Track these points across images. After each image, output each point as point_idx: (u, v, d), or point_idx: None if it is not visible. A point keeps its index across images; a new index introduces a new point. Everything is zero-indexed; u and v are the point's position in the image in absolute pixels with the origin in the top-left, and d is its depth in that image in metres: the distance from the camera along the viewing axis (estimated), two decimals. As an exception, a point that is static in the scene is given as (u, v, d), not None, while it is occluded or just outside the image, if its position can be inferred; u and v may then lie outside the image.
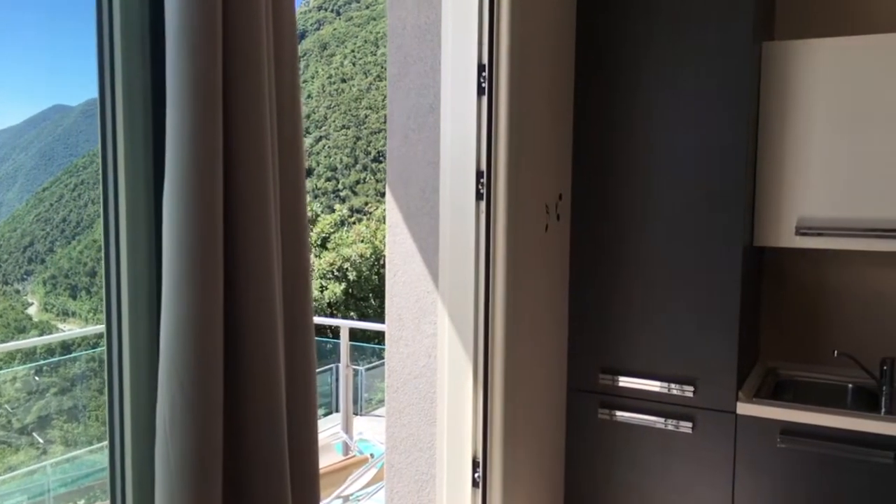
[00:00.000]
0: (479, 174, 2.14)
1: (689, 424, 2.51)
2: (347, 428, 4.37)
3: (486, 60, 2.10)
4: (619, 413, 2.63)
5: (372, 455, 3.73)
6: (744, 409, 2.42)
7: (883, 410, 2.45)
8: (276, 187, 1.15)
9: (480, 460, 2.18)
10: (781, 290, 2.88)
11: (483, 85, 2.11)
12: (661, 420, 2.55)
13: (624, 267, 2.60)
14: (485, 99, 2.11)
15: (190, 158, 1.02)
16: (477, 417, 2.17)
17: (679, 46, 2.46)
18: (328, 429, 4.83)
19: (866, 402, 2.58)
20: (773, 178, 2.55)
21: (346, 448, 4.28)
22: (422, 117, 2.23)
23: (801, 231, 2.52)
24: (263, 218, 1.07)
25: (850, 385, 2.67)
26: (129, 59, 1.20)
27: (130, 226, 1.17)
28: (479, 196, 2.14)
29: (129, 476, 1.21)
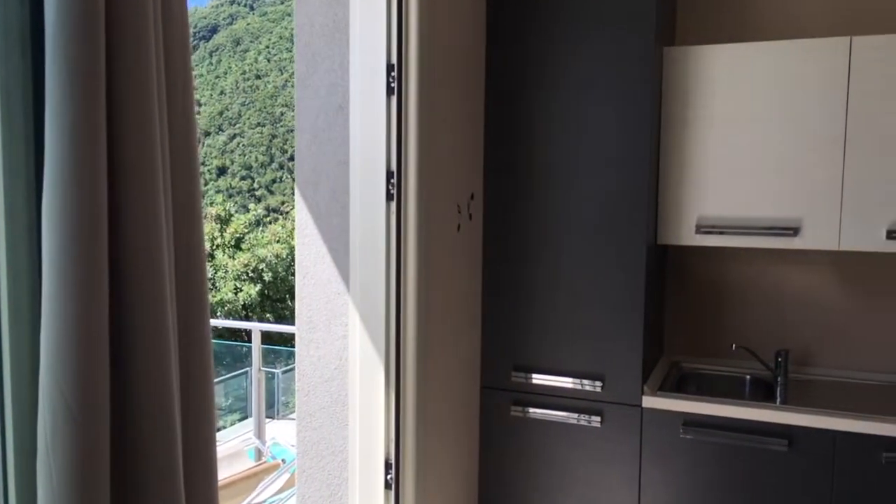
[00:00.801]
0: (389, 174, 2.12)
1: (598, 419, 2.57)
2: (260, 433, 4.28)
3: (395, 60, 2.09)
4: (532, 410, 2.67)
5: (284, 460, 3.66)
6: (649, 402, 2.50)
7: (778, 400, 2.58)
8: (168, 185, 1.10)
9: (393, 461, 2.16)
10: (684, 287, 2.99)
11: (392, 85, 2.10)
12: (572, 415, 2.60)
13: (535, 266, 2.64)
14: (394, 99, 2.10)
15: (70, 156, 0.96)
16: (389, 419, 2.16)
17: (585, 49, 2.52)
18: (241, 434, 4.71)
19: (763, 393, 2.71)
20: (674, 179, 2.65)
21: (259, 454, 4.18)
22: (331, 117, 2.20)
23: (701, 230, 2.62)
24: (153, 218, 1.02)
25: (748, 376, 2.81)
26: (7, 52, 1.13)
27: (9, 226, 1.10)
28: (389, 196, 2.13)
29: (12, 496, 1.14)
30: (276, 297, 16.76)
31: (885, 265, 2.71)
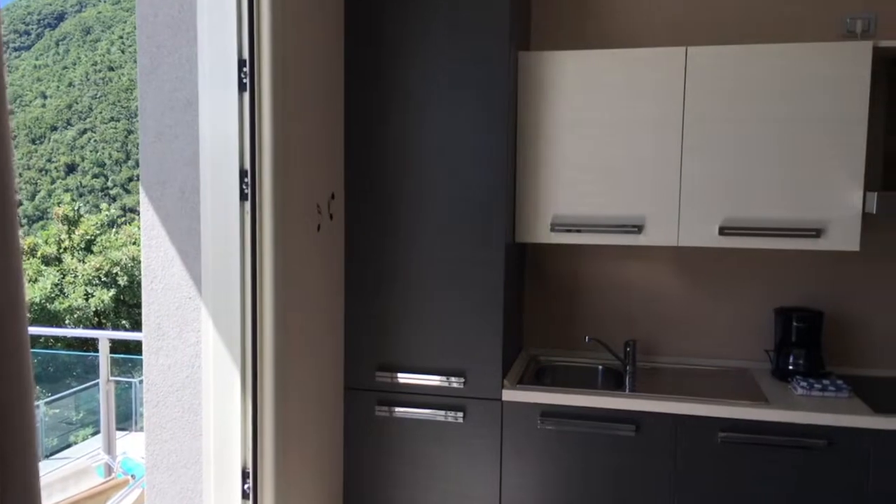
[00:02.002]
0: (242, 173, 2.05)
1: (461, 414, 2.61)
2: (110, 448, 4.02)
3: (246, 55, 2.02)
4: (397, 409, 2.68)
5: (134, 476, 3.46)
6: (509, 395, 2.58)
7: (627, 388, 2.73)
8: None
9: (251, 470, 2.10)
10: (542, 284, 3.10)
11: (244, 80, 2.03)
12: (435, 412, 2.63)
13: (397, 265, 2.65)
14: (246, 95, 2.03)
15: None
16: (246, 426, 2.09)
17: (446, 51, 2.55)
18: (92, 451, 4.40)
19: (614, 382, 2.86)
20: (531, 180, 2.74)
21: (109, 470, 3.93)
22: (178, 113, 2.09)
23: (556, 228, 2.72)
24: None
25: (601, 367, 2.95)
26: None
27: None
28: (243, 196, 2.06)
29: None
30: (133, 303, 15.80)
31: (718, 259, 2.94)
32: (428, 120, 2.59)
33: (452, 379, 2.62)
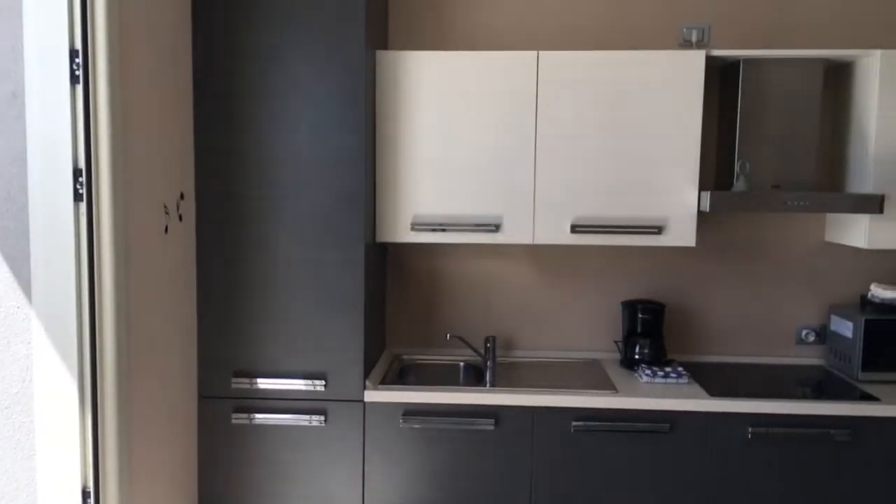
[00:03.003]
0: (77, 172, 1.91)
1: (322, 418, 2.57)
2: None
3: (79, 45, 1.88)
4: (257, 416, 2.60)
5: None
6: (370, 396, 2.56)
7: (487, 383, 2.78)
8: None
9: (92, 489, 1.96)
10: (404, 283, 3.11)
11: (77, 73, 1.89)
12: (296, 417, 2.57)
13: (254, 267, 2.56)
14: (80, 88, 1.89)
15: None
16: (85, 443, 1.95)
17: (301, 50, 2.50)
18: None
19: (475, 378, 2.92)
20: (390, 179, 2.74)
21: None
22: (2, 107, 1.92)
23: (416, 227, 2.74)
24: None
25: (462, 363, 3.00)
26: None
27: None
28: (77, 197, 1.92)
29: None
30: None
31: (571, 255, 3.06)
32: (284, 119, 2.52)
33: (309, 382, 2.57)
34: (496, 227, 2.72)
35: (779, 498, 2.51)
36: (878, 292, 2.82)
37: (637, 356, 2.88)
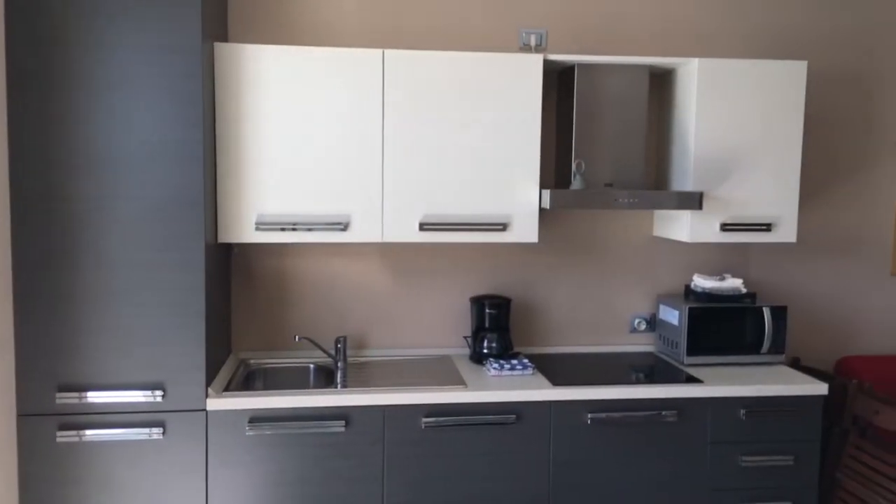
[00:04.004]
0: None
1: (160, 430, 2.42)
2: None
3: None
4: (87, 432, 2.40)
5: None
6: (213, 404, 2.45)
7: (339, 385, 2.74)
8: None
9: None
10: (251, 284, 3.00)
11: None
12: (132, 431, 2.41)
13: (80, 272, 2.37)
14: None
15: None
16: None
17: (133, 41, 2.33)
18: None
19: (325, 379, 2.87)
20: (233, 177, 2.63)
21: None
22: None
23: (261, 227, 2.65)
24: None
25: (312, 365, 2.94)
26: None
27: None
28: None
29: None
30: None
31: (420, 253, 3.09)
32: (115, 114, 2.35)
33: (146, 393, 2.42)
34: (344, 226, 2.69)
35: (617, 477, 2.67)
36: (700, 282, 3.06)
37: (485, 350, 2.96)
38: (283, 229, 2.66)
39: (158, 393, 2.42)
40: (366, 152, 2.68)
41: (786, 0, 3.17)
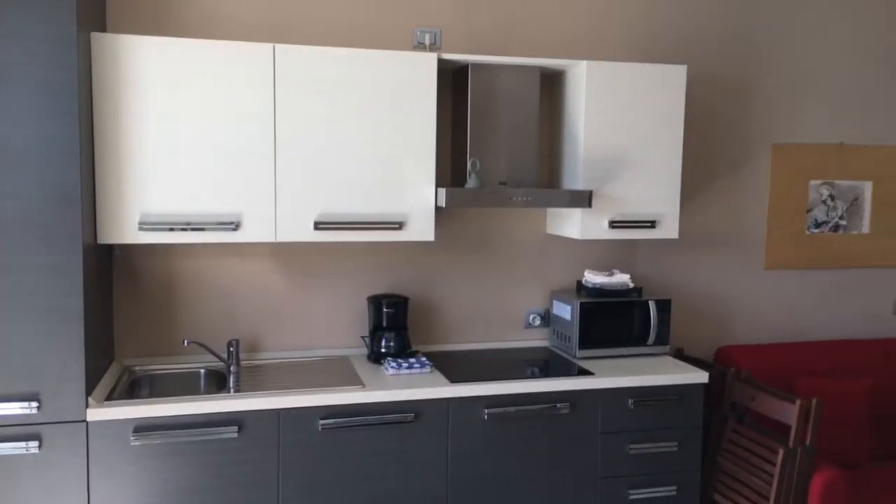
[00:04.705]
0: None
1: (36, 444, 2.27)
2: None
3: None
4: (-49, 450, 2.22)
5: None
6: (94, 414, 2.32)
7: (231, 389, 2.66)
8: None
9: None
10: (135, 287, 2.86)
11: None
12: (6, 446, 2.25)
13: (-61, 277, 2.19)
14: None
15: None
16: None
17: (2, 31, 2.17)
18: None
19: (217, 384, 2.77)
20: (113, 175, 2.49)
21: None
22: None
23: (145, 227, 2.53)
24: None
25: (203, 370, 2.83)
26: None
27: None
28: None
29: None
30: None
31: (316, 252, 3.04)
32: (-26, 103, 2.18)
33: (27, 404, 2.26)
34: (235, 226, 2.61)
35: (513, 470, 2.72)
36: (591, 278, 3.16)
37: (384, 350, 2.94)
38: (171, 229, 2.55)
39: (34, 404, 2.27)
40: (257, 150, 2.61)
41: (671, 6, 3.32)
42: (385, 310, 2.96)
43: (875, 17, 3.58)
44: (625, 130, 2.95)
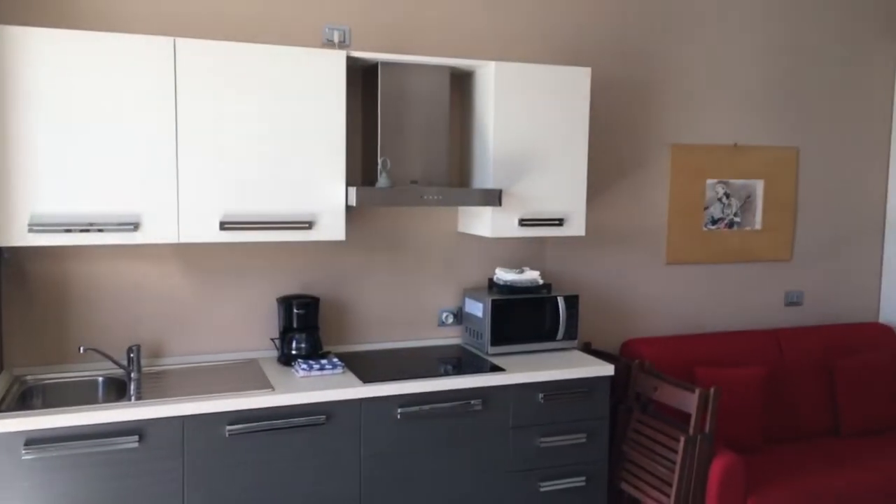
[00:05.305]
0: None
1: (-87, 463, 2.11)
2: None
3: None
4: None
5: None
6: (-20, 429, 2.17)
7: (132, 397, 2.55)
8: None
9: None
10: (26, 292, 2.70)
11: None
12: None
13: None
14: None
15: None
16: None
17: None
18: None
19: (116, 392, 2.65)
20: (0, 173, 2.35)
21: None
22: None
23: (35, 228, 2.39)
24: None
25: (101, 378, 2.71)
26: None
27: None
28: None
29: None
30: None
31: (223, 253, 2.95)
32: None
33: None
34: (135, 226, 2.50)
35: (426, 468, 2.72)
36: (502, 275, 3.21)
37: (294, 351, 2.89)
38: (68, 230, 2.42)
39: None
40: (158, 148, 2.51)
41: (577, 10, 3.40)
42: (296, 310, 2.91)
43: (765, 24, 3.78)
44: (533, 130, 3.01)
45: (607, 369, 2.96)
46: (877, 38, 4.03)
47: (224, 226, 2.61)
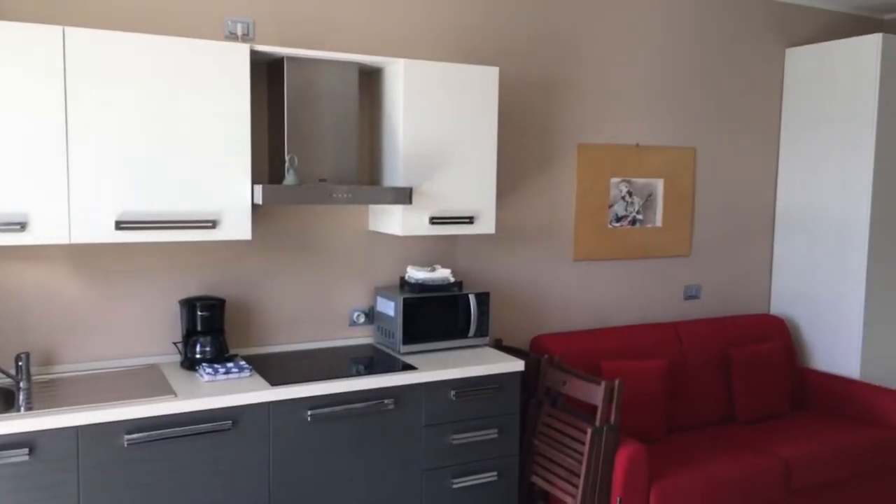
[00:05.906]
0: None
1: None
2: None
3: None
4: None
5: None
6: None
7: (21, 408, 2.39)
8: None
9: None
10: None
11: None
12: None
13: None
14: None
15: None
16: None
17: None
18: None
19: (4, 403, 2.48)
20: None
21: None
22: None
23: None
24: None
25: (-14, 389, 2.53)
26: None
27: None
28: None
29: None
30: None
31: (119, 254, 2.82)
32: None
33: None
34: (21, 226, 2.35)
35: (338, 470, 2.68)
36: (413, 273, 3.20)
37: (198, 355, 2.79)
38: (-61, 231, 2.25)
39: None
40: (46, 143, 2.37)
41: (486, 10, 3.43)
42: (199, 313, 2.80)
43: (664, 30, 3.93)
44: (442, 129, 3.01)
45: (518, 365, 3.00)
46: (766, 44, 4.26)
47: (120, 225, 2.48)
